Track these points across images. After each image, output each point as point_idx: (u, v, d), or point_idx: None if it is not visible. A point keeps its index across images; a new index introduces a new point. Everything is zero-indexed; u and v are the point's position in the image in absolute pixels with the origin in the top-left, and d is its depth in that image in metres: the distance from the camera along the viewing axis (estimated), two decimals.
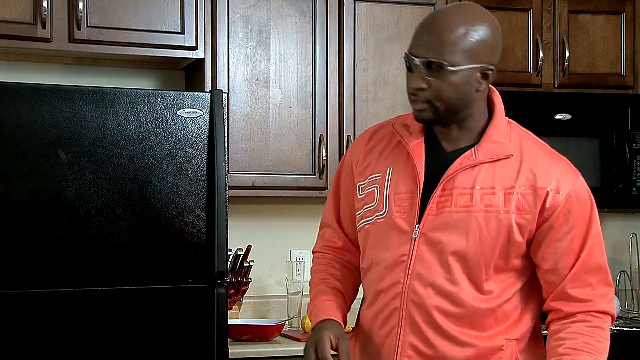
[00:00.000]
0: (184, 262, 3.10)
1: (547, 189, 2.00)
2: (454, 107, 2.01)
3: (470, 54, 1.99)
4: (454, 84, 1.98)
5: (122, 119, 3.03)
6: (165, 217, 3.07)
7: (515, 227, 1.99)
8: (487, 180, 2.00)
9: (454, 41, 1.98)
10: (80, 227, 2.98)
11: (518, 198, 1.99)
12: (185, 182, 3.10)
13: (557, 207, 2.01)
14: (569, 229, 2.02)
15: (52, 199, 2.95)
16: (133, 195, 3.03)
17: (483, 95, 2.05)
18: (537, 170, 2.02)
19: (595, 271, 2.03)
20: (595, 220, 2.07)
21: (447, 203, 2.01)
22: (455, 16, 2.02)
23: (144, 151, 3.05)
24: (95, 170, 3.00)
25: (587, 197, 2.08)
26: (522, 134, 2.10)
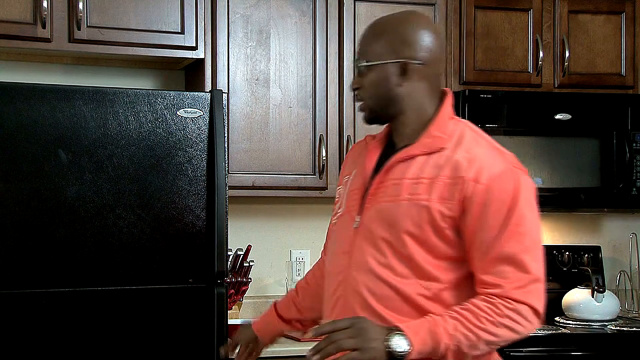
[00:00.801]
0: (184, 262, 3.10)
1: (466, 178, 2.02)
2: (379, 104, 2.14)
3: (387, 50, 2.11)
4: (372, 81, 2.12)
5: (122, 119, 3.03)
6: (165, 217, 3.07)
7: (437, 215, 2.03)
8: (417, 171, 2.08)
9: (371, 40, 2.14)
10: (80, 227, 2.98)
11: (440, 187, 2.04)
12: (185, 182, 3.10)
13: (474, 196, 2.02)
14: (486, 218, 2.01)
15: (52, 199, 2.95)
16: (133, 195, 3.03)
17: (413, 91, 2.12)
18: (464, 161, 2.05)
19: (509, 261, 1.99)
20: (517, 212, 2.01)
21: (380, 194, 2.11)
22: (381, 19, 2.21)
23: (144, 151, 3.05)
24: (95, 170, 3.00)
25: (511, 188, 2.03)
26: (467, 130, 2.13)
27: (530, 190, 2.07)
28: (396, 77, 2.11)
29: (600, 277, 3.99)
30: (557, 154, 3.99)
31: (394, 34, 2.13)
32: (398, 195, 2.08)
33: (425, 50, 2.12)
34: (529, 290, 2.00)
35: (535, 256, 2.02)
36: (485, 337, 1.98)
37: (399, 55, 2.11)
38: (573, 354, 3.68)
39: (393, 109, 2.14)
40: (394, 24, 2.15)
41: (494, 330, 1.99)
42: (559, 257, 4.27)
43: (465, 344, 1.97)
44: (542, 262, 2.05)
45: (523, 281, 2.00)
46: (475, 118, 3.87)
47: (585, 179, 4.02)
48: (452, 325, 1.97)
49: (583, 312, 3.92)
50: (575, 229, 4.45)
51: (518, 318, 1.99)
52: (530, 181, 2.09)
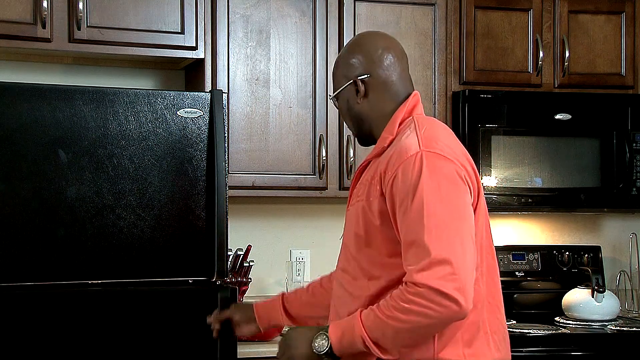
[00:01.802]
0: (184, 262, 3.10)
1: (382, 172, 2.11)
2: (354, 126, 2.32)
3: (342, 75, 2.29)
4: (341, 108, 2.33)
5: (122, 119, 3.03)
6: (165, 217, 3.07)
7: (370, 213, 2.13)
8: (367, 174, 2.22)
9: (333, 76, 2.35)
10: (80, 227, 2.98)
11: (372, 185, 2.15)
12: (185, 182, 3.10)
13: (388, 185, 2.09)
14: (398, 205, 2.06)
15: (52, 199, 2.95)
16: (133, 195, 3.03)
17: (372, 104, 2.26)
18: (387, 156, 2.14)
19: (413, 245, 2.00)
20: (418, 195, 2.01)
21: (350, 202, 2.28)
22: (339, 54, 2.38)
23: (144, 151, 3.05)
24: (95, 170, 3.00)
25: (414, 172, 2.04)
26: (411, 125, 2.18)
27: (437, 170, 2.04)
28: (353, 97, 2.27)
29: (600, 277, 3.99)
30: (557, 154, 3.99)
31: (343, 61, 2.30)
32: (356, 201, 2.22)
33: (368, 63, 2.26)
34: (433, 272, 1.95)
35: (439, 237, 1.98)
36: (395, 324, 1.99)
37: (349, 77, 2.27)
38: (573, 354, 3.68)
39: (365, 126, 2.29)
40: (343, 53, 2.33)
41: (403, 317, 1.98)
42: (559, 257, 4.27)
43: (380, 334, 2.02)
44: (451, 243, 1.98)
45: (424, 262, 1.96)
46: (475, 118, 3.89)
47: (585, 179, 4.02)
48: (366, 316, 2.04)
49: (583, 312, 3.92)
50: (575, 229, 4.46)
51: (423, 302, 1.96)
52: (443, 160, 2.06)
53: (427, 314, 1.96)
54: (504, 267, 4.18)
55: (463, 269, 1.97)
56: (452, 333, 2.09)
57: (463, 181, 2.07)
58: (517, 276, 4.21)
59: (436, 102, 3.89)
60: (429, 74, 3.89)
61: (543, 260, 4.26)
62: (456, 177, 2.06)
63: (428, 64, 3.89)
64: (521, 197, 3.95)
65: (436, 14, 3.90)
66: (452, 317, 1.98)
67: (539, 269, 4.24)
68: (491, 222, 4.35)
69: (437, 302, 1.95)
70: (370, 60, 2.26)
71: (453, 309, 1.95)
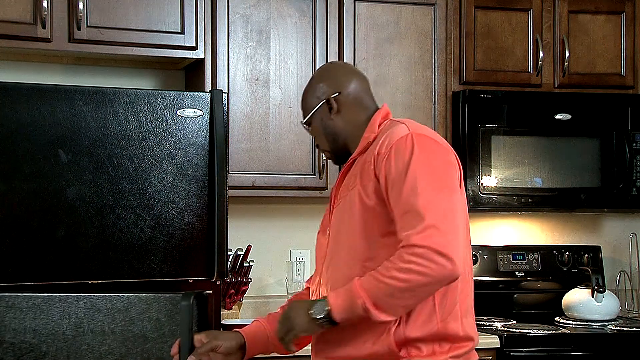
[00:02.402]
0: (184, 262, 3.10)
1: (374, 153, 2.24)
2: (330, 144, 2.44)
3: (312, 100, 2.43)
4: (315, 129, 2.45)
5: (122, 119, 3.03)
6: (165, 217, 3.07)
7: (363, 195, 2.23)
8: (354, 169, 2.33)
9: (303, 102, 2.48)
10: (80, 227, 2.98)
11: (364, 170, 2.26)
12: (185, 182, 3.10)
13: (381, 164, 2.21)
14: (392, 182, 2.18)
15: (52, 199, 2.95)
16: (133, 195, 3.03)
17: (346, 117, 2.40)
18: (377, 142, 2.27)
19: (409, 213, 2.12)
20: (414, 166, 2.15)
21: (337, 200, 2.38)
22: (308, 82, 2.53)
23: (144, 151, 3.05)
24: (95, 170, 3.00)
25: (409, 146, 2.18)
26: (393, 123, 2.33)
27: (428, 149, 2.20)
28: (327, 114, 2.40)
29: (600, 277, 3.99)
30: (557, 154, 3.99)
31: (311, 89, 2.44)
32: (345, 195, 2.32)
33: (336, 83, 2.41)
34: (429, 235, 2.08)
35: (433, 205, 2.11)
36: (395, 284, 2.09)
37: (319, 98, 2.41)
38: (573, 354, 3.68)
39: (340, 140, 2.42)
40: (308, 86, 2.47)
41: (402, 276, 2.08)
42: (559, 257, 4.27)
43: (379, 295, 2.11)
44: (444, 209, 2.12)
45: (420, 227, 2.09)
46: (475, 118, 3.89)
47: (585, 179, 4.02)
48: (367, 280, 2.12)
49: (583, 312, 3.92)
50: (575, 229, 4.45)
51: (422, 261, 2.07)
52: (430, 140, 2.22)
53: (425, 272, 2.07)
54: (504, 267, 4.18)
55: (455, 234, 2.11)
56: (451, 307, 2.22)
57: (452, 164, 2.23)
58: (517, 276, 4.21)
59: (436, 102, 3.88)
60: (429, 74, 3.89)
61: (543, 260, 4.26)
62: (446, 158, 2.23)
63: (428, 64, 3.89)
64: (521, 197, 3.95)
65: (436, 14, 3.90)
66: (447, 277, 2.10)
67: (539, 269, 4.24)
68: (491, 222, 4.34)
69: (435, 261, 2.06)
70: (337, 81, 2.42)
71: (449, 267, 2.08)
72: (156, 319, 2.98)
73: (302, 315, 2.18)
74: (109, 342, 2.97)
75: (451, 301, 2.22)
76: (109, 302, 2.97)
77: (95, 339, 2.95)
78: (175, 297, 2.98)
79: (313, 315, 2.16)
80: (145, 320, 2.98)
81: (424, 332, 2.19)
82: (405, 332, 2.18)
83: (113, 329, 2.94)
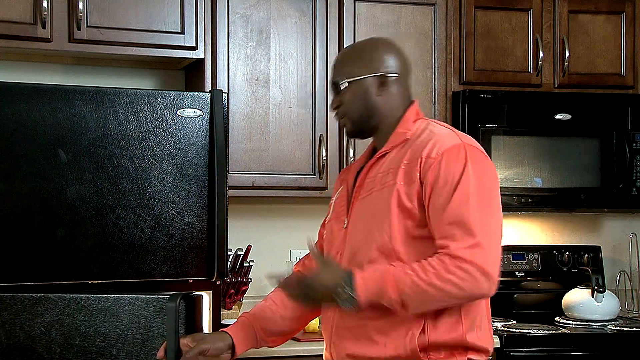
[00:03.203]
0: (184, 262, 3.10)
1: (422, 156, 2.22)
2: (361, 115, 2.36)
3: (363, 65, 2.35)
4: (353, 94, 2.35)
5: (122, 119, 3.03)
6: (165, 217, 3.07)
7: (403, 195, 2.22)
8: (387, 164, 2.30)
9: (349, 60, 2.38)
10: (80, 227, 2.98)
11: (404, 171, 2.24)
12: (185, 182, 3.10)
13: (429, 168, 2.20)
14: (440, 186, 2.17)
15: (52, 199, 2.95)
16: (133, 195, 3.03)
17: (389, 100, 2.35)
18: (421, 143, 2.26)
19: (457, 224, 2.13)
20: (467, 178, 2.17)
21: (362, 192, 2.33)
22: (355, 44, 2.52)
23: (144, 151, 3.05)
24: (95, 170, 3.00)
25: (460, 159, 2.19)
26: (429, 123, 2.35)
27: (481, 164, 2.22)
28: (375, 88, 2.34)
29: (600, 277, 4.00)
30: (557, 154, 3.99)
31: (369, 54, 2.37)
32: (372, 189, 2.29)
33: (397, 65, 2.37)
34: (476, 252, 2.10)
35: (482, 221, 2.14)
36: (431, 292, 2.10)
37: (377, 70, 2.35)
38: (573, 354, 3.69)
39: (374, 119, 2.36)
40: (367, 46, 2.41)
41: (440, 285, 2.10)
42: (559, 257, 4.28)
43: (411, 296, 2.11)
44: (492, 229, 2.17)
45: (469, 242, 2.11)
46: (475, 118, 3.89)
47: (585, 179, 4.02)
48: (401, 278, 2.12)
49: (583, 312, 3.92)
50: (575, 229, 4.45)
51: (464, 275, 2.09)
52: (483, 156, 2.25)
53: (464, 287, 2.10)
54: (504, 267, 4.18)
55: (499, 254, 2.17)
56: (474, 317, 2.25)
57: (498, 180, 2.29)
58: (517, 276, 4.21)
59: (436, 102, 3.88)
60: (429, 74, 3.89)
61: (543, 260, 4.26)
62: (494, 173, 2.27)
63: (428, 64, 3.89)
64: (521, 197, 3.95)
65: (436, 14, 3.90)
66: (483, 295, 2.15)
67: (539, 269, 4.24)
68: None
69: (477, 279, 2.10)
70: (402, 63, 2.39)
71: (487, 286, 2.12)
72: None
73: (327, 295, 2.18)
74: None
75: (475, 313, 2.25)
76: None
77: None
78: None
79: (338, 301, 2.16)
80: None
81: (447, 339, 2.21)
82: (429, 339, 2.20)
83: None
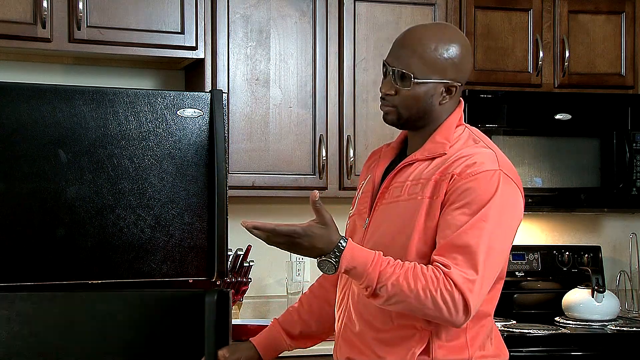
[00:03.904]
0: (184, 262, 3.10)
1: (454, 174, 2.13)
2: (415, 115, 2.24)
3: (436, 69, 2.20)
4: (417, 95, 2.21)
5: (122, 119, 3.03)
6: (165, 217, 3.07)
7: (431, 211, 2.15)
8: (418, 173, 2.21)
9: (423, 56, 2.20)
10: (80, 227, 2.98)
11: (433, 184, 2.16)
12: (185, 182, 3.10)
13: (455, 186, 2.12)
14: (459, 206, 2.11)
15: (52, 199, 2.95)
16: (133, 195, 3.03)
17: (446, 107, 2.25)
18: (456, 160, 2.16)
19: (464, 251, 2.07)
20: (490, 209, 2.09)
21: (386, 196, 2.25)
22: (429, 33, 2.25)
23: (144, 151, 3.05)
24: (95, 170, 3.00)
25: (491, 187, 2.12)
26: (471, 136, 2.25)
27: (510, 197, 2.14)
28: (440, 95, 2.23)
29: (600, 277, 3.99)
30: (557, 154, 3.99)
31: (446, 55, 2.21)
32: (399, 196, 2.21)
33: (466, 72, 2.26)
34: (471, 286, 2.05)
35: (489, 258, 2.08)
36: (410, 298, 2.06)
37: (447, 75, 2.21)
38: (573, 354, 3.68)
39: (426, 121, 2.25)
40: (443, 41, 2.22)
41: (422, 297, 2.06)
42: (559, 257, 4.27)
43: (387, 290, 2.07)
44: (494, 265, 2.11)
45: (469, 273, 2.06)
46: (475, 118, 3.88)
47: (585, 179, 4.02)
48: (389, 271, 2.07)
49: (583, 312, 3.92)
50: (575, 229, 4.45)
51: (448, 300, 2.05)
52: (515, 190, 2.17)
53: (441, 309, 2.05)
54: None
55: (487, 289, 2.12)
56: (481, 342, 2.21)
57: (521, 213, 2.21)
58: (517, 276, 4.21)
59: None
60: None
61: (543, 260, 4.26)
62: (519, 207, 2.19)
63: None
64: None
65: (436, 14, 3.90)
66: (452, 323, 2.10)
67: (539, 269, 4.24)
68: None
69: (458, 309, 2.05)
70: (468, 69, 2.27)
71: (461, 319, 2.07)
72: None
73: (313, 253, 2.12)
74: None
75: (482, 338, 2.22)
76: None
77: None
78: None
79: (318, 263, 2.12)
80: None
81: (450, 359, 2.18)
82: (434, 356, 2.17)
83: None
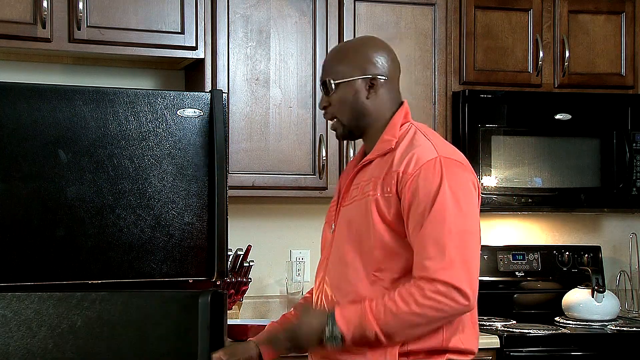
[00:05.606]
0: (184, 262, 3.10)
1: (399, 171, 2.20)
2: (353, 117, 2.34)
3: (354, 68, 2.32)
4: (344, 96, 2.33)
5: (122, 119, 3.03)
6: (165, 217, 3.07)
7: (383, 208, 2.22)
8: (371, 173, 2.29)
9: (341, 60, 2.35)
10: (80, 227, 2.98)
11: (383, 182, 2.24)
12: (185, 182, 3.10)
13: (405, 184, 2.19)
14: (417, 204, 2.17)
15: (52, 199, 2.95)
16: (133, 195, 3.03)
17: (378, 103, 2.33)
18: (401, 156, 2.24)
19: (431, 243, 2.14)
20: (442, 195, 2.16)
21: (346, 199, 2.35)
22: (346, 44, 2.50)
23: (144, 151, 3.05)
24: (95, 170, 3.00)
25: (438, 172, 2.18)
26: (415, 131, 2.31)
27: (458, 176, 2.21)
28: (365, 91, 2.33)
29: (600, 277, 4.00)
30: (557, 154, 3.99)
31: (359, 54, 2.34)
32: (355, 197, 2.31)
33: (387, 67, 2.35)
34: (450, 272, 2.13)
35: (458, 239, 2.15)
36: (412, 319, 2.14)
37: (366, 72, 2.32)
38: (573, 354, 3.68)
39: (363, 121, 2.35)
40: (357, 47, 2.37)
41: (420, 311, 2.13)
42: (559, 257, 4.28)
43: (394, 327, 2.15)
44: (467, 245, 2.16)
45: (444, 262, 2.13)
46: (475, 118, 3.89)
47: (585, 179, 4.02)
48: (381, 311, 2.15)
49: (583, 312, 3.92)
50: (575, 229, 4.45)
51: (442, 299, 2.13)
52: (460, 168, 2.24)
53: (444, 309, 2.14)
54: (504, 267, 4.18)
55: (475, 269, 2.18)
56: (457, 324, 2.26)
57: (475, 189, 2.26)
58: (517, 276, 4.21)
59: (436, 102, 3.88)
60: (429, 74, 3.89)
61: (543, 260, 4.26)
62: (471, 186, 2.25)
63: (428, 64, 3.89)
64: (521, 197, 3.95)
65: (436, 14, 3.90)
66: (462, 312, 2.18)
67: (539, 269, 4.24)
68: (491, 222, 4.36)
69: (455, 299, 2.13)
70: (392, 64, 2.36)
71: (465, 304, 2.15)
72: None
73: (313, 339, 2.22)
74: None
75: (458, 320, 2.26)
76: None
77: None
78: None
79: (325, 342, 2.20)
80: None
81: (427, 346, 2.23)
82: (408, 347, 2.22)
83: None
